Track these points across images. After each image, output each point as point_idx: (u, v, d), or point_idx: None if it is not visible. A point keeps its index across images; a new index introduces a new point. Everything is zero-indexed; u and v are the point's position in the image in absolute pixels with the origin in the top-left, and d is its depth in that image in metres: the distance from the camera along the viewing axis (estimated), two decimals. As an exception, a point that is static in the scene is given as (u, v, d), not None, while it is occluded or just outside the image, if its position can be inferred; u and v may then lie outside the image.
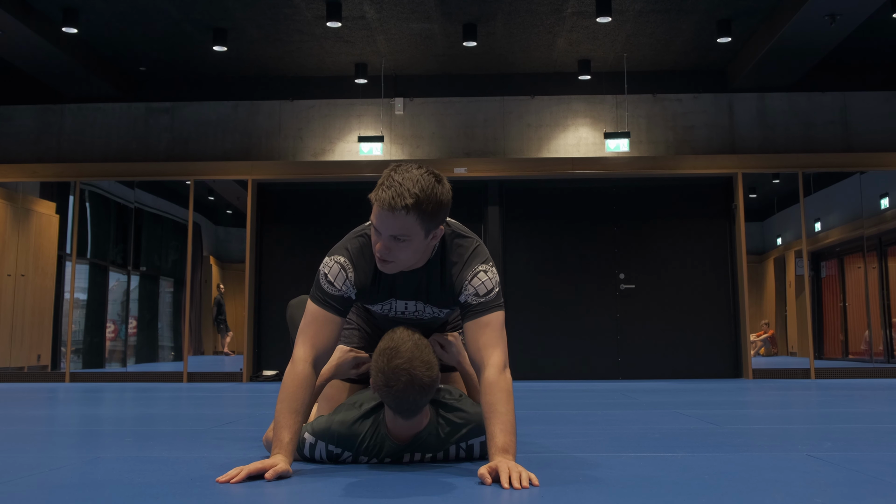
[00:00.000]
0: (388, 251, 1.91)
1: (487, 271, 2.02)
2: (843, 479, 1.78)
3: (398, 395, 1.83)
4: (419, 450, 1.97)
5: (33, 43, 6.51)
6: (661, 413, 3.59)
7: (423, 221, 1.87)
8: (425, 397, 1.86)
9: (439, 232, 1.97)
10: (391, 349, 1.85)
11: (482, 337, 1.96)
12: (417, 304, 2.11)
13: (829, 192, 7.62)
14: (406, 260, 1.95)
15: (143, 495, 1.62)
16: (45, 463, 2.09)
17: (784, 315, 7.73)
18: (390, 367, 1.82)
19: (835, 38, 6.52)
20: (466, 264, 2.03)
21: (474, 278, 2.00)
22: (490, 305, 1.99)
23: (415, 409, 1.88)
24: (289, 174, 7.70)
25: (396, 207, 1.83)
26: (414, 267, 2.02)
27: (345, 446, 1.98)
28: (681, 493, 1.62)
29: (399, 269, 1.98)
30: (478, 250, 2.07)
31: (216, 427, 3.05)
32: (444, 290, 2.06)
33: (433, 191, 1.87)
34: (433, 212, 1.88)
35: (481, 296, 1.99)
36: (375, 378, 1.86)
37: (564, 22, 6.70)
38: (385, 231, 1.88)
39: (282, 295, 7.65)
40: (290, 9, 6.43)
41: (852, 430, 2.78)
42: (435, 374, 1.85)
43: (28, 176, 7.71)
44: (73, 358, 7.56)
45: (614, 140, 7.45)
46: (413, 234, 1.88)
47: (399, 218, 1.85)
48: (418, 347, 1.86)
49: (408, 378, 1.81)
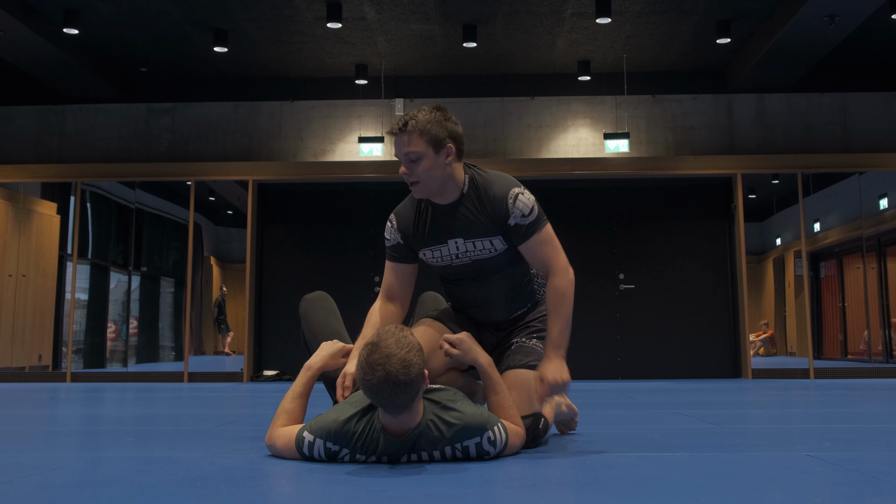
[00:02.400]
0: (409, 172, 2.19)
1: (524, 192, 2.26)
2: (842, 479, 1.79)
3: (374, 389, 1.85)
4: (415, 448, 1.98)
5: (34, 44, 6.52)
6: (660, 413, 3.60)
7: (424, 136, 2.16)
8: (402, 396, 1.85)
9: (450, 150, 2.21)
10: (373, 343, 1.88)
11: (542, 252, 2.26)
12: (466, 244, 2.29)
13: (829, 192, 7.63)
14: (428, 179, 2.19)
15: (145, 495, 1.62)
16: (46, 463, 2.09)
17: (783, 315, 7.74)
18: (368, 362, 1.85)
19: (834, 39, 6.52)
20: (500, 187, 2.25)
21: (517, 201, 2.23)
22: (539, 223, 2.26)
23: (395, 407, 1.88)
24: (289, 175, 7.70)
25: (394, 130, 2.19)
26: (447, 194, 2.25)
27: (341, 443, 2.00)
28: (681, 493, 1.63)
29: (428, 190, 2.23)
30: (506, 176, 2.30)
31: (217, 427, 3.06)
32: (486, 214, 2.25)
33: (428, 112, 2.20)
34: (429, 127, 2.16)
35: (527, 215, 2.24)
36: (357, 371, 1.89)
37: (564, 23, 6.71)
38: (399, 154, 2.20)
39: (282, 295, 7.66)
40: (290, 10, 6.44)
41: (851, 430, 2.79)
42: (413, 374, 1.84)
43: (29, 176, 7.72)
44: (74, 358, 7.57)
45: (614, 141, 7.46)
46: (421, 149, 2.17)
47: (401, 138, 2.18)
48: (399, 345, 1.87)
49: (383, 374, 1.82)
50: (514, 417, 2.17)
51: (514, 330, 2.48)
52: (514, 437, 2.12)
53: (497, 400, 2.18)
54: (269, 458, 2.16)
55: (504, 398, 2.18)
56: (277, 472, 1.94)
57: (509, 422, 2.15)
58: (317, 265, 7.86)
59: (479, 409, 2.06)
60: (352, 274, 7.71)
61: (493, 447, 2.03)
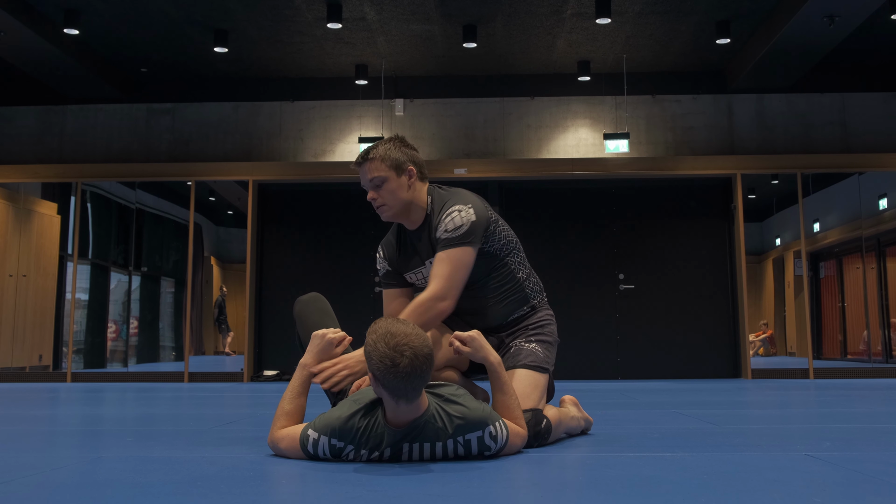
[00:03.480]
0: (375, 197, 2.35)
1: (462, 210, 2.30)
2: (841, 479, 1.79)
3: (405, 371, 1.86)
4: (417, 438, 1.98)
5: (35, 44, 6.53)
6: (660, 413, 3.61)
7: (385, 161, 2.32)
8: (427, 373, 1.90)
9: (412, 172, 2.35)
10: (385, 334, 1.90)
11: (437, 268, 2.28)
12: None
13: (828, 192, 7.64)
14: (392, 200, 2.34)
15: (145, 495, 1.62)
16: (46, 463, 2.09)
17: (783, 315, 7.75)
18: (391, 347, 1.87)
19: (833, 40, 6.53)
20: (445, 206, 2.34)
21: (450, 215, 2.30)
22: (454, 242, 2.27)
23: (416, 390, 1.91)
24: (289, 175, 7.71)
25: (358, 161, 2.38)
26: (413, 217, 2.38)
27: (346, 439, 2.00)
28: (680, 492, 1.63)
29: (393, 212, 2.36)
30: (458, 195, 2.37)
31: (217, 427, 3.06)
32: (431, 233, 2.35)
33: (387, 141, 2.37)
34: (389, 153, 2.33)
35: (450, 231, 2.29)
36: (380, 364, 1.88)
37: (564, 23, 6.72)
38: (364, 183, 2.37)
39: (283, 295, 7.66)
40: (290, 10, 6.45)
41: (851, 430, 2.79)
42: (431, 345, 1.92)
43: (30, 177, 7.72)
44: (75, 358, 7.57)
45: (614, 141, 7.47)
46: (383, 174, 2.32)
47: (364, 167, 2.36)
48: (406, 324, 1.93)
49: (411, 353, 1.86)
50: (519, 419, 2.19)
51: (514, 332, 2.50)
52: (514, 436, 2.13)
53: (504, 400, 2.20)
54: (269, 458, 2.16)
55: (510, 398, 2.20)
56: (278, 472, 1.95)
57: (513, 422, 2.17)
58: (317, 265, 7.87)
59: (481, 405, 2.08)
60: (352, 274, 7.71)
61: (495, 442, 2.05)
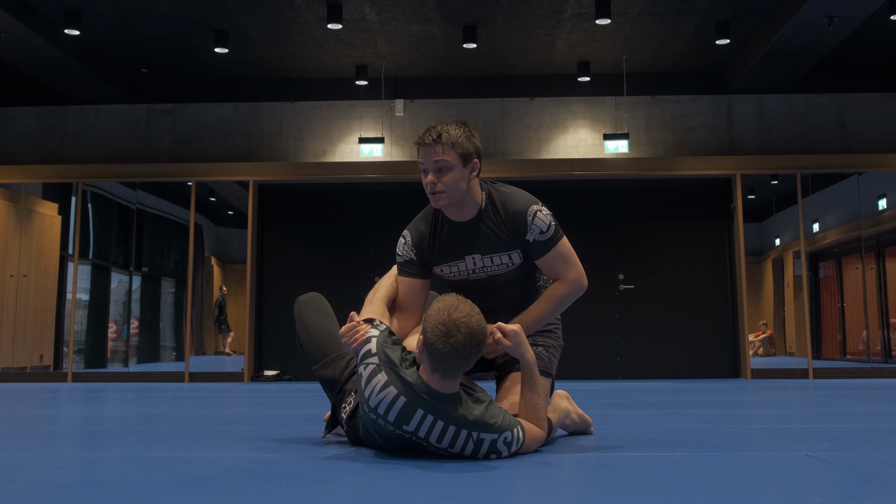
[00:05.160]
0: (436, 181, 2.25)
1: (542, 209, 2.33)
2: (840, 479, 1.80)
3: (455, 346, 1.92)
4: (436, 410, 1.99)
5: (35, 45, 6.53)
6: (660, 413, 3.61)
7: (455, 148, 2.25)
8: (476, 356, 1.96)
9: (475, 165, 2.30)
10: (450, 306, 1.98)
11: (558, 265, 2.34)
12: (484, 259, 2.36)
13: (828, 193, 7.64)
14: (453, 189, 2.26)
15: (146, 495, 1.63)
16: (47, 462, 2.10)
17: (782, 315, 7.75)
18: (451, 320, 1.94)
19: (833, 40, 6.54)
20: (520, 203, 2.32)
21: (535, 218, 2.30)
22: (556, 239, 2.32)
23: (460, 367, 1.96)
24: (290, 175, 7.72)
25: (427, 140, 2.25)
26: (465, 210, 2.32)
27: (380, 360, 2.05)
28: (680, 492, 1.64)
29: (451, 200, 2.27)
30: (524, 193, 2.38)
31: (218, 427, 3.07)
32: (505, 230, 2.32)
33: (457, 126, 2.28)
34: (461, 141, 2.26)
35: (545, 232, 2.31)
36: (434, 331, 1.94)
37: (564, 24, 6.72)
38: (427, 163, 2.26)
39: (283, 295, 7.67)
40: (290, 11, 6.45)
41: (850, 430, 2.80)
42: (487, 333, 1.98)
43: (30, 177, 7.73)
44: (76, 358, 7.58)
45: (613, 141, 7.47)
46: (450, 159, 2.24)
47: (434, 148, 2.25)
48: (473, 308, 2.00)
49: (467, 330, 1.93)
50: (542, 420, 2.20)
51: None
52: (531, 439, 2.14)
53: (532, 398, 2.20)
54: (269, 457, 2.17)
55: (539, 398, 2.21)
56: (278, 471, 1.95)
57: (534, 422, 2.18)
58: (317, 265, 7.87)
59: (503, 413, 2.09)
60: (352, 274, 7.71)
61: (507, 448, 2.06)
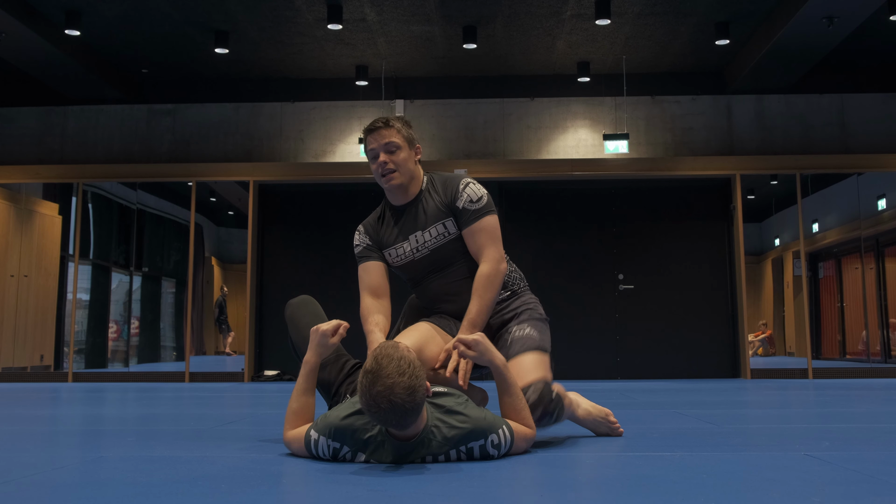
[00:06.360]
0: (387, 163, 2.40)
1: (475, 183, 2.46)
2: (840, 479, 1.80)
3: (381, 417, 1.87)
4: (421, 451, 1.99)
5: (36, 45, 6.54)
6: (659, 413, 3.62)
7: (402, 132, 2.44)
8: (408, 418, 1.87)
9: (418, 149, 2.50)
10: (374, 372, 1.86)
11: (480, 238, 2.41)
12: (424, 234, 2.45)
13: (827, 193, 7.65)
14: (404, 168, 2.42)
15: (146, 495, 1.63)
16: (47, 462, 2.10)
17: (782, 315, 7.76)
18: (371, 394, 1.84)
19: (832, 41, 6.54)
20: (453, 178, 2.49)
21: (466, 188, 2.43)
22: (484, 210, 2.42)
23: (402, 426, 1.90)
24: (290, 175, 7.72)
25: (377, 125, 2.43)
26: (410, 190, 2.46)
27: (342, 440, 2.01)
28: (680, 492, 1.64)
29: (403, 178, 2.42)
30: (455, 175, 2.53)
31: (218, 427, 3.07)
32: (437, 201, 2.45)
33: (395, 118, 2.48)
34: (404, 127, 2.46)
35: (475, 202, 2.41)
36: (360, 398, 1.88)
37: (564, 24, 6.73)
38: (378, 147, 2.42)
39: (283, 295, 7.66)
40: (291, 11, 6.46)
41: (850, 430, 2.80)
42: (418, 397, 1.85)
43: (31, 177, 7.73)
44: (76, 358, 7.58)
45: (613, 142, 7.48)
46: (398, 141, 2.42)
47: (384, 132, 2.41)
48: (401, 370, 1.84)
49: (388, 404, 1.82)
50: (527, 419, 2.18)
51: (504, 320, 2.51)
52: (520, 439, 2.13)
53: (511, 402, 2.18)
54: (270, 457, 2.17)
55: (517, 400, 2.18)
56: (279, 471, 1.96)
57: (520, 423, 2.16)
58: (317, 265, 7.88)
59: (484, 413, 2.07)
60: (352, 274, 7.68)
61: (497, 450, 2.05)
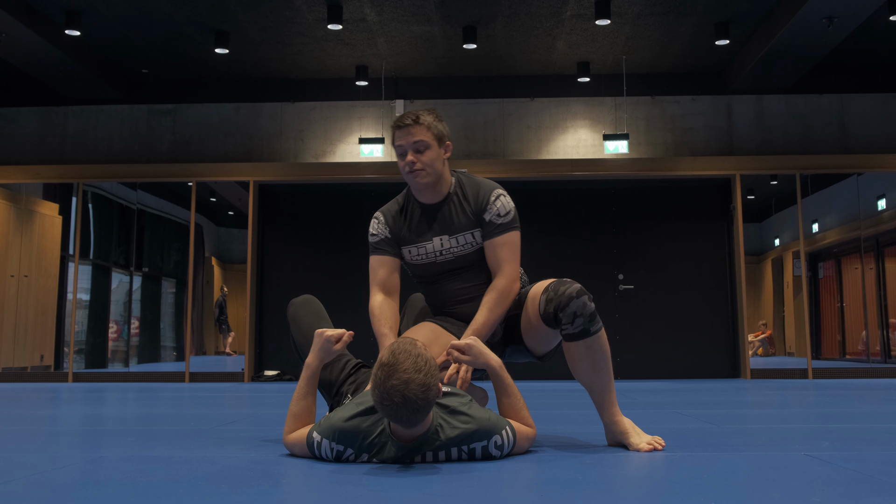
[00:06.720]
0: (415, 160, 2.36)
1: (505, 196, 2.43)
2: (840, 479, 1.80)
3: (392, 412, 1.86)
4: (423, 450, 1.99)
5: (36, 45, 6.54)
6: (659, 413, 3.62)
7: (432, 130, 2.38)
8: (420, 415, 1.86)
9: (448, 147, 2.45)
10: (390, 365, 1.86)
11: (501, 252, 2.38)
12: (451, 240, 2.42)
13: (827, 193, 7.65)
14: (431, 168, 2.37)
15: (146, 495, 1.63)
16: (47, 462, 2.10)
17: (782, 315, 7.76)
18: (386, 387, 1.83)
19: (832, 41, 6.54)
20: (485, 188, 2.43)
21: (497, 200, 2.40)
22: (510, 226, 2.39)
23: (411, 423, 1.90)
24: (290, 175, 7.72)
25: (405, 122, 2.36)
26: (438, 190, 2.42)
27: (345, 443, 2.01)
28: (680, 492, 1.64)
29: (429, 178, 2.38)
30: (486, 181, 2.48)
31: (218, 427, 3.08)
32: (468, 210, 2.41)
33: (430, 113, 2.41)
34: (435, 124, 2.39)
35: (503, 216, 2.39)
36: (373, 390, 1.88)
37: (564, 24, 6.73)
38: (406, 144, 2.37)
39: (283, 295, 7.67)
40: (291, 11, 6.46)
41: (850, 430, 2.80)
42: (432, 396, 1.85)
43: (31, 177, 7.74)
44: (76, 358, 7.58)
45: (613, 142, 7.48)
46: (427, 139, 2.36)
47: (412, 129, 2.36)
48: (417, 367, 1.85)
49: (401, 399, 1.82)
50: (527, 419, 2.19)
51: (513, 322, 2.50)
52: (522, 438, 2.14)
53: (510, 402, 2.19)
54: (270, 457, 2.18)
55: (516, 400, 2.19)
56: (279, 471, 1.96)
57: (521, 422, 2.17)
58: (317, 265, 7.88)
59: (488, 414, 2.08)
60: (352, 274, 7.72)
61: (500, 451, 2.06)
